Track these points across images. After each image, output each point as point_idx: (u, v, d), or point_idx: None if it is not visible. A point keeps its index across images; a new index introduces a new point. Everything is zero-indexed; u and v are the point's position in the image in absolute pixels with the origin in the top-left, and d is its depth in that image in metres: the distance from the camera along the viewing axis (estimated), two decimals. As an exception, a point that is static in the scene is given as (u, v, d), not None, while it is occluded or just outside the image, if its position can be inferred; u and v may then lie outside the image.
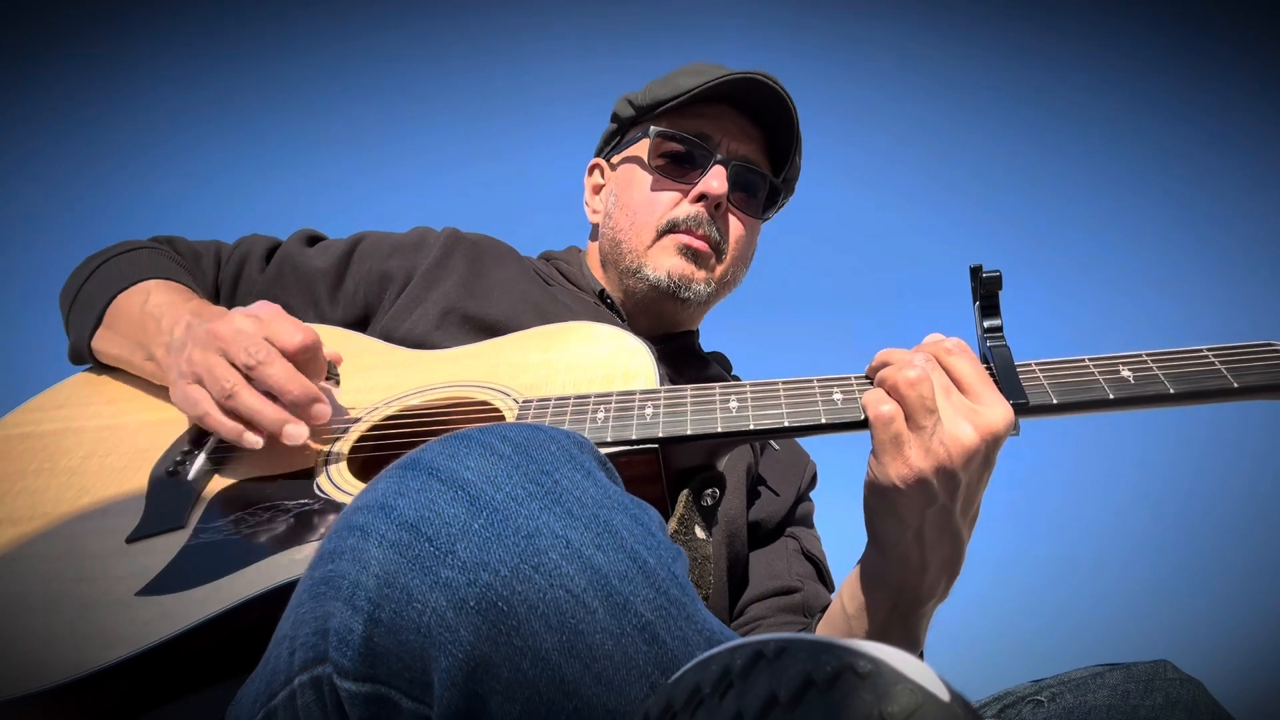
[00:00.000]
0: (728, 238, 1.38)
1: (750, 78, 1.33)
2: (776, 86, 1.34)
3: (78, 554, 0.90)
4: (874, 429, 0.89)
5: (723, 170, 1.35)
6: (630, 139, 1.47)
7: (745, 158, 1.39)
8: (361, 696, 0.56)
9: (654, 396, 0.98)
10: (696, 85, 1.34)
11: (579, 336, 1.16)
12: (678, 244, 1.34)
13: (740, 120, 1.39)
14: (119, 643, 0.77)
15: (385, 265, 1.35)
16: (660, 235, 1.36)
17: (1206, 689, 0.81)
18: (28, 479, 1.04)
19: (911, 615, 0.98)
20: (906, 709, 0.39)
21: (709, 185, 1.33)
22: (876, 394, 0.90)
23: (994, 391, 0.89)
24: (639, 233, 1.38)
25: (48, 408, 1.18)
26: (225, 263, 1.39)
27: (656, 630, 0.53)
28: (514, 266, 1.40)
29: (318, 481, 0.96)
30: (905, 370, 0.87)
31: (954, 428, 0.87)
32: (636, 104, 1.44)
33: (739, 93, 1.36)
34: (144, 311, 1.15)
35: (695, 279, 1.35)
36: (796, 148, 1.41)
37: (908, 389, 0.86)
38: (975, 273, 0.99)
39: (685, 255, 1.34)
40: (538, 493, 0.57)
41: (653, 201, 1.37)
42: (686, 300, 1.35)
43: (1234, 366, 0.90)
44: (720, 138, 1.37)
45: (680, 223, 1.35)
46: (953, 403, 0.88)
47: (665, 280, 1.34)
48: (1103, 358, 0.95)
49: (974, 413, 0.87)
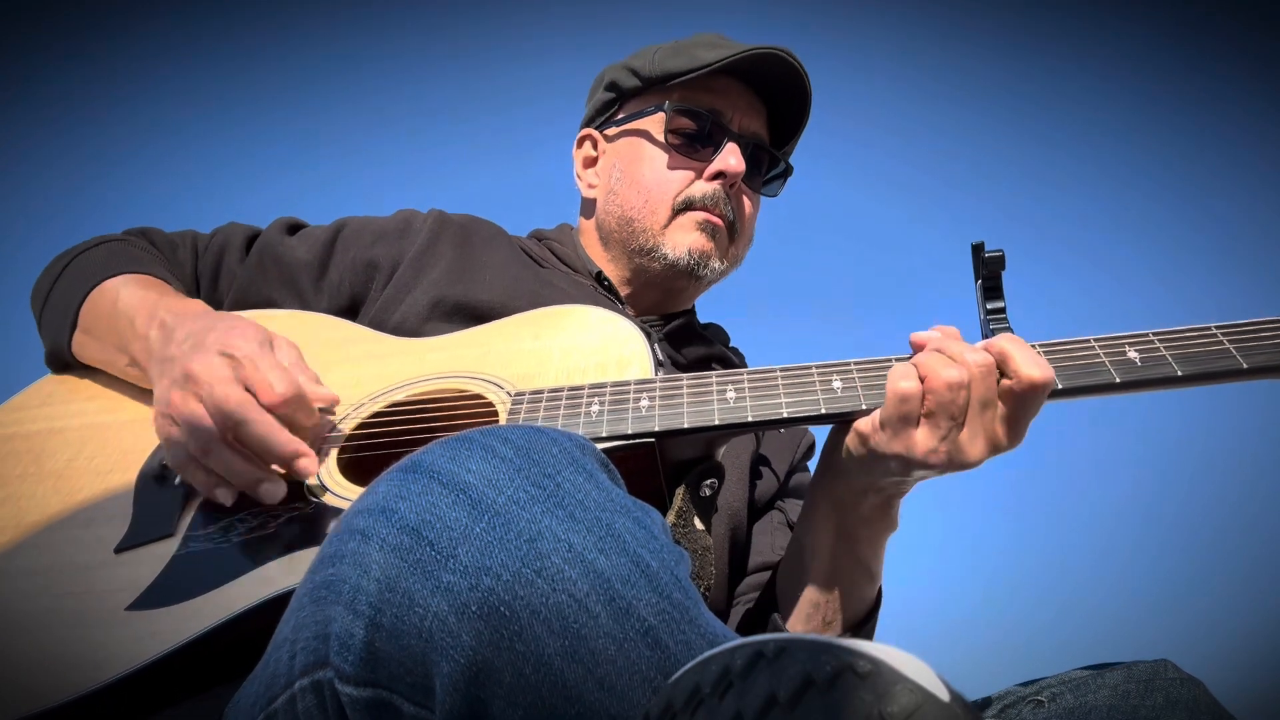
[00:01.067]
0: (741, 216, 1.37)
1: (774, 54, 1.30)
2: (797, 64, 1.32)
3: (66, 566, 0.89)
4: (888, 398, 0.88)
5: (738, 148, 1.32)
6: (636, 112, 1.41)
7: (756, 135, 1.37)
8: (363, 701, 0.56)
9: (649, 387, 0.97)
10: (717, 59, 1.30)
11: (571, 322, 1.13)
12: (696, 221, 1.32)
13: (749, 95, 1.37)
14: (109, 662, 0.76)
15: (370, 253, 1.31)
16: (676, 213, 1.33)
17: (1207, 689, 0.81)
18: (12, 485, 1.02)
19: (858, 538, 1.00)
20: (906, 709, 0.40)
21: (727, 163, 1.31)
22: (906, 369, 0.88)
23: (1024, 428, 0.87)
24: (653, 210, 1.34)
25: (30, 406, 1.15)
26: (203, 253, 1.35)
27: (659, 634, 0.53)
28: (504, 249, 1.36)
29: (308, 484, 0.95)
30: (948, 370, 0.85)
31: (970, 442, 0.86)
32: (644, 74, 1.39)
33: (750, 68, 1.33)
34: (115, 312, 1.11)
35: (714, 255, 1.33)
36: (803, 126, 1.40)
37: (945, 390, 0.85)
38: (977, 251, 0.96)
39: (705, 231, 1.32)
40: (540, 496, 0.57)
41: (668, 179, 1.34)
42: (703, 278, 1.34)
43: (1243, 345, 0.88)
44: (733, 114, 1.35)
45: (697, 200, 1.32)
46: (984, 420, 0.86)
47: (686, 258, 1.31)
48: (1108, 338, 0.92)
49: (994, 441, 0.87)
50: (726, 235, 1.35)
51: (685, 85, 1.35)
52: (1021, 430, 0.88)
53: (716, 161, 1.32)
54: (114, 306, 1.12)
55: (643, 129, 1.39)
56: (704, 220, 1.32)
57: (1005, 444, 0.88)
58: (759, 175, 1.40)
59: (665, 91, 1.37)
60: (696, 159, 1.34)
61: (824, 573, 1.03)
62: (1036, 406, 0.87)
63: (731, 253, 1.37)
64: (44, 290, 1.23)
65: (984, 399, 0.86)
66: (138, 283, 1.16)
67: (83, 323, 1.16)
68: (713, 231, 1.32)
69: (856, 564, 1.02)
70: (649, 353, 1.05)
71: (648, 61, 1.38)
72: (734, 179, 1.32)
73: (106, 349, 1.13)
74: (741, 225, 1.38)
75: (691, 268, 1.32)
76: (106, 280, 1.17)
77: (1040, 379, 0.85)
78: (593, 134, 1.49)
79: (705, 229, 1.32)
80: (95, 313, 1.15)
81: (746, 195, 1.38)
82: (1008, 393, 0.86)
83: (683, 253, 1.31)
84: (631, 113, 1.42)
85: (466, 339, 1.15)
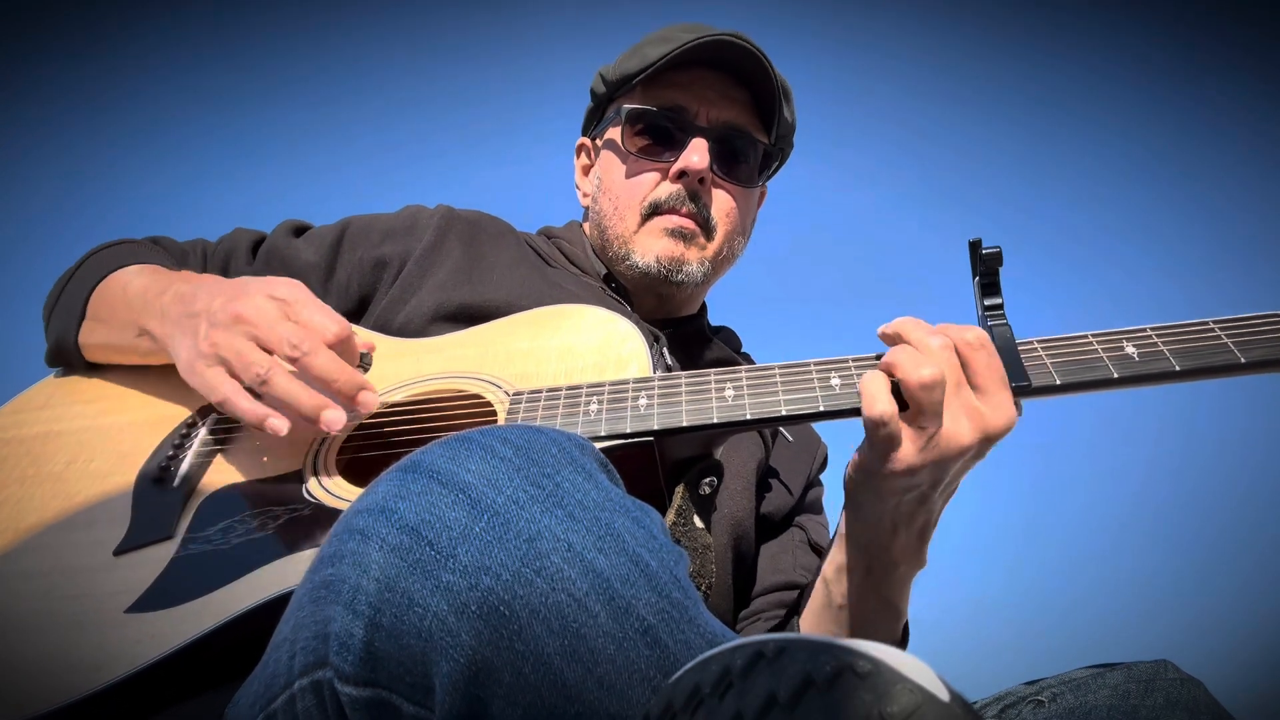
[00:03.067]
0: (717, 212, 1.31)
1: (716, 39, 1.24)
2: (744, 43, 1.25)
3: (65, 569, 0.89)
4: (866, 424, 0.88)
5: (703, 142, 1.27)
6: (607, 118, 1.40)
7: (728, 123, 1.30)
8: (362, 701, 0.56)
9: (647, 386, 0.97)
10: (661, 56, 1.26)
11: (570, 321, 1.13)
12: (664, 226, 1.28)
13: (720, 83, 1.30)
14: (107, 665, 0.75)
15: (379, 251, 1.30)
16: (645, 219, 1.30)
17: (1207, 689, 0.81)
18: (11, 487, 1.01)
19: (886, 579, 0.98)
20: (906, 709, 0.40)
21: (688, 160, 1.26)
22: (876, 384, 0.88)
23: (1005, 393, 0.87)
24: (623, 218, 1.32)
25: (30, 409, 1.15)
26: (210, 258, 1.34)
27: (659, 634, 0.53)
28: (512, 247, 1.34)
29: (307, 485, 0.95)
30: (921, 369, 0.85)
31: (954, 425, 0.86)
32: (608, 79, 1.37)
33: (713, 55, 1.27)
34: (127, 295, 1.12)
35: (686, 260, 1.29)
36: (782, 103, 1.31)
37: (921, 393, 0.85)
38: (975, 248, 0.96)
39: (673, 236, 1.28)
40: (539, 496, 0.57)
41: (633, 185, 1.31)
42: (681, 283, 1.30)
43: (1240, 340, 0.88)
44: (698, 107, 1.29)
45: (663, 204, 1.29)
46: (960, 399, 0.87)
47: (655, 266, 1.28)
48: (1106, 333, 0.92)
49: (977, 413, 0.87)
50: (703, 235, 1.31)
51: (645, 84, 1.31)
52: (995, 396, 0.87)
53: (680, 160, 1.28)
54: (124, 291, 1.13)
55: (611, 136, 1.38)
56: (672, 225, 1.29)
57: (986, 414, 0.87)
58: (739, 165, 1.33)
59: (630, 94, 1.34)
60: (661, 160, 1.30)
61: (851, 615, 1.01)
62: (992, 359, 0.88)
63: (713, 252, 1.32)
64: (54, 295, 1.23)
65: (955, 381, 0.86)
66: (148, 271, 1.16)
67: (91, 311, 1.16)
68: (682, 235, 1.29)
69: (885, 606, 1.00)
70: (648, 352, 1.04)
71: (614, 64, 1.37)
72: (696, 175, 1.27)
73: (115, 330, 1.13)
74: (719, 222, 1.32)
75: (664, 275, 1.29)
76: (115, 271, 1.17)
77: (971, 334, 0.88)
78: (586, 142, 1.50)
79: (674, 234, 1.28)
80: (105, 300, 1.15)
81: (723, 189, 1.32)
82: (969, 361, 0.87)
83: (651, 260, 1.29)
84: (605, 119, 1.41)
85: (465, 339, 1.15)
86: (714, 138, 1.29)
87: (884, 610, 1.01)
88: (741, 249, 1.40)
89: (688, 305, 1.42)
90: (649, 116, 1.31)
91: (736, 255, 1.39)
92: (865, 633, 1.01)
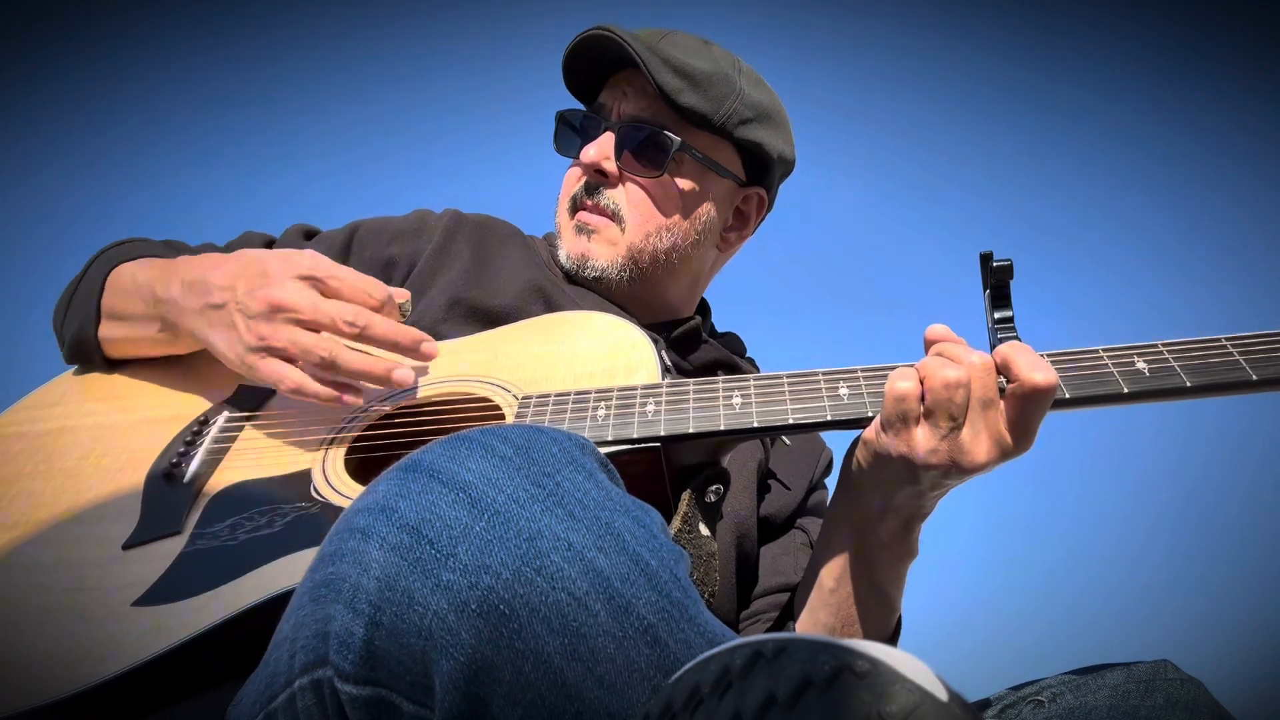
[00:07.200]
0: (627, 204, 1.30)
1: (580, 38, 1.28)
2: (606, 33, 1.24)
3: (74, 562, 0.90)
4: (886, 399, 0.87)
5: (608, 136, 1.29)
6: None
7: (633, 116, 1.29)
8: (362, 700, 0.56)
9: (655, 392, 0.97)
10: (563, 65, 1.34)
11: (579, 328, 1.13)
12: (574, 225, 1.32)
13: (638, 78, 1.28)
14: (114, 657, 0.76)
15: (388, 252, 1.31)
16: (570, 216, 1.34)
17: (1207, 689, 0.81)
18: (23, 482, 1.03)
19: (876, 561, 0.98)
20: (905, 709, 0.40)
21: (585, 154, 1.29)
22: (905, 370, 0.88)
23: (1031, 431, 0.86)
24: (559, 217, 1.37)
25: (42, 406, 1.16)
26: None
27: (658, 633, 0.53)
28: (519, 250, 1.35)
29: (315, 484, 0.95)
30: (946, 369, 0.84)
31: (973, 442, 0.85)
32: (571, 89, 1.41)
33: (599, 51, 1.29)
34: (136, 286, 1.13)
35: (593, 255, 1.29)
36: (675, 84, 1.23)
37: (942, 389, 0.84)
38: (985, 260, 0.96)
39: (579, 233, 1.31)
40: (539, 495, 0.57)
41: (563, 185, 1.37)
42: (599, 279, 1.30)
43: (1253, 358, 0.88)
44: (613, 103, 1.31)
45: (576, 200, 1.32)
46: (987, 420, 0.85)
47: (568, 262, 1.31)
48: (1117, 348, 0.92)
49: (1002, 443, 0.85)
50: (616, 228, 1.30)
51: (577, 92, 1.38)
52: (1027, 433, 0.86)
53: (579, 155, 1.32)
54: (133, 281, 1.14)
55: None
56: (578, 221, 1.32)
57: (1012, 445, 0.86)
58: (644, 154, 1.28)
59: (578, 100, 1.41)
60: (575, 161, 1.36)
61: (841, 600, 1.01)
62: (1041, 410, 0.85)
63: (626, 245, 1.29)
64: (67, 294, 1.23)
65: (984, 399, 0.85)
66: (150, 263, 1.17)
67: (106, 305, 1.17)
68: (587, 231, 1.30)
69: (874, 591, 1.00)
70: (657, 360, 1.05)
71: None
72: (590, 167, 1.29)
73: (132, 325, 1.14)
74: (629, 212, 1.29)
75: (578, 270, 1.31)
76: (122, 264, 1.18)
77: (1043, 383, 0.83)
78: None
79: (578, 229, 1.31)
80: (117, 291, 1.16)
81: (632, 180, 1.29)
82: (1011, 395, 0.85)
83: (565, 259, 1.32)
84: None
85: (475, 343, 1.16)
86: (620, 131, 1.29)
87: (874, 596, 1.00)
88: (678, 241, 1.32)
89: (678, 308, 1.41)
90: (569, 118, 1.36)
91: (680, 248, 1.32)
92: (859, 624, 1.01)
